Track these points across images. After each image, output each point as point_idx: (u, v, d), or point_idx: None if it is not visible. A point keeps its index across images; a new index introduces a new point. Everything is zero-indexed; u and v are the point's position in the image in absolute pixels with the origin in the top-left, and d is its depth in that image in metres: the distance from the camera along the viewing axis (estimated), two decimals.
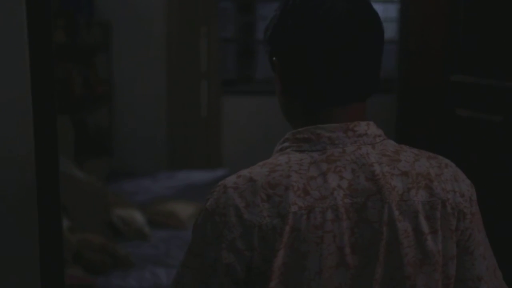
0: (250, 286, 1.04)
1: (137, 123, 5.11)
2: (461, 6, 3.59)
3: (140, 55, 5.03)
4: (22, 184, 1.70)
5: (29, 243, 1.73)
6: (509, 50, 3.26)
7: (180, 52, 4.94)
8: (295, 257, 1.02)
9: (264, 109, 5.12)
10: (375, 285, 1.04)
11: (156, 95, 5.07)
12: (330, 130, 1.08)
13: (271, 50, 1.14)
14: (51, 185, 1.69)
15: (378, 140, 1.10)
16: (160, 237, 3.47)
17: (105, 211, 3.50)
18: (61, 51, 4.54)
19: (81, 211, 3.40)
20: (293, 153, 1.08)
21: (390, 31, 5.04)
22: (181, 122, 5.02)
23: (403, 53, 4.09)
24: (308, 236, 1.02)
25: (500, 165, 3.41)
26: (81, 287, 2.76)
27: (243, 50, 5.27)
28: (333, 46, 1.06)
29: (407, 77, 4.03)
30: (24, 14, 1.61)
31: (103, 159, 4.64)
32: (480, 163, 3.37)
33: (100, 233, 3.25)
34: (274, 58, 1.13)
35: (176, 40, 4.92)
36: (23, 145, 1.66)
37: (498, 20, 3.41)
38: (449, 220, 1.08)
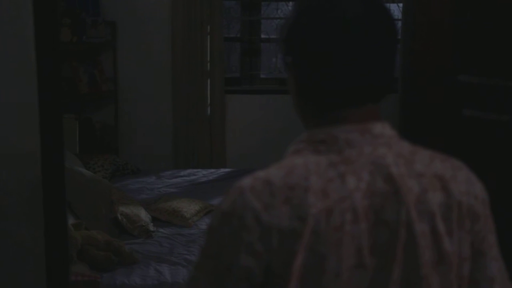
0: None
1: (142, 122, 5.13)
2: (467, 5, 3.59)
3: (145, 54, 5.04)
4: (28, 181, 1.71)
5: (34, 240, 1.74)
6: None
7: (185, 50, 4.95)
8: (315, 259, 1.01)
9: (268, 108, 5.13)
10: (392, 286, 1.04)
11: (161, 94, 5.09)
12: (346, 131, 1.08)
13: (287, 50, 1.14)
14: (56, 183, 1.71)
15: (394, 141, 1.10)
16: (164, 234, 3.48)
17: (110, 209, 3.52)
18: (67, 49, 4.57)
19: (86, 208, 3.42)
20: (309, 154, 1.08)
21: None
22: (186, 121, 5.03)
23: (407, 53, 4.09)
24: (328, 238, 1.01)
25: (507, 165, 3.41)
26: (86, 284, 2.78)
27: (248, 49, 5.28)
28: (348, 47, 1.07)
29: (412, 77, 4.03)
30: (30, 13, 1.62)
31: (108, 157, 4.65)
32: (487, 163, 3.37)
33: (105, 230, 3.27)
34: (289, 58, 1.14)
35: (181, 39, 4.93)
36: (29, 142, 1.68)
37: (505, 20, 3.41)
38: (464, 222, 1.09)
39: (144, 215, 3.58)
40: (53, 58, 1.67)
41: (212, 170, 4.73)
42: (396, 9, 5.22)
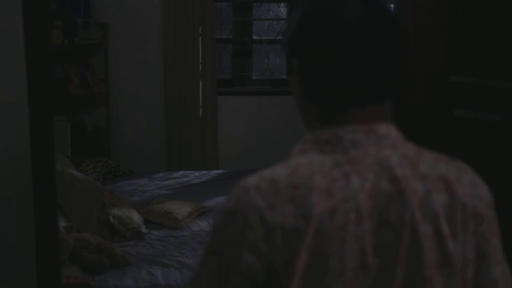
0: None
1: (134, 123, 5.12)
2: (459, 5, 3.59)
3: (137, 56, 5.04)
4: (19, 184, 1.71)
5: (25, 243, 1.74)
6: (508, 50, 3.27)
7: (176, 52, 4.94)
8: (318, 258, 1.01)
9: (260, 110, 5.13)
10: (395, 287, 1.04)
11: (153, 95, 5.08)
12: (352, 132, 1.09)
13: (290, 53, 1.15)
14: (47, 185, 1.70)
15: (398, 142, 1.11)
16: (157, 236, 3.48)
17: (102, 211, 3.51)
18: (58, 51, 4.55)
19: (78, 210, 3.41)
20: (314, 154, 1.08)
21: None
22: (178, 122, 5.03)
23: None
24: (331, 238, 1.01)
25: (499, 165, 3.41)
26: (78, 287, 2.77)
27: (239, 50, 5.28)
28: (353, 48, 1.08)
29: (404, 77, 4.03)
30: (20, 15, 1.62)
31: (100, 159, 4.64)
32: (480, 163, 3.37)
33: (97, 233, 3.26)
34: (293, 62, 1.14)
35: (172, 40, 4.93)
36: (19, 145, 1.67)
37: (497, 19, 3.42)
38: (469, 224, 1.09)
39: (136, 217, 3.57)
40: (43, 60, 1.66)
41: (204, 172, 4.73)
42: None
